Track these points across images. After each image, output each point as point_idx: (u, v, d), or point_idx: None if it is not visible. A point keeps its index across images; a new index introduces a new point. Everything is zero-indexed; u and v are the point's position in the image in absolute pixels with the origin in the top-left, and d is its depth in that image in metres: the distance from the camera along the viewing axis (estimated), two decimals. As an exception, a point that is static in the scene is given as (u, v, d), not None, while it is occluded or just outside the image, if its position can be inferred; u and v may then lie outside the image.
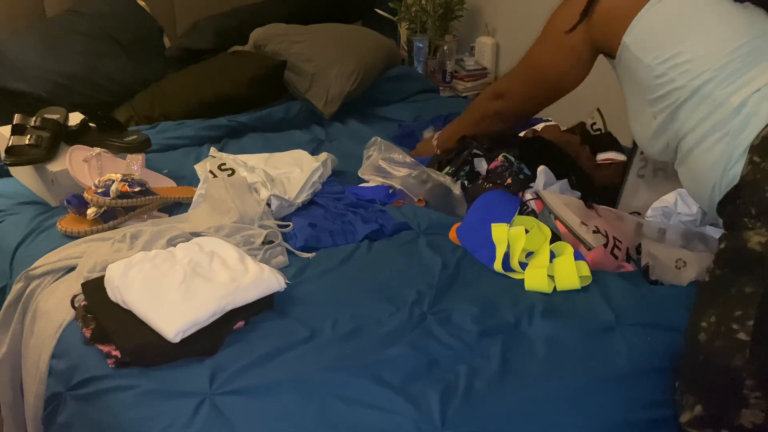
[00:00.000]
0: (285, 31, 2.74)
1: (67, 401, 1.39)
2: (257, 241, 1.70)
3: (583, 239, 1.64)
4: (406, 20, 3.29)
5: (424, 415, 1.21)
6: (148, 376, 1.32)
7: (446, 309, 1.51)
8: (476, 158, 2.00)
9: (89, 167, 1.93)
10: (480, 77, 3.26)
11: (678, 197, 1.72)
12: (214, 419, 1.21)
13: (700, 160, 1.29)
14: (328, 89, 2.57)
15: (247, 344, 1.38)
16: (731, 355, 1.11)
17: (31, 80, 2.42)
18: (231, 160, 2.04)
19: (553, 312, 1.49)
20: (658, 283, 1.59)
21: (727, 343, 1.12)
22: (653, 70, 1.35)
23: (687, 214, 1.71)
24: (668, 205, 1.72)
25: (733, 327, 1.11)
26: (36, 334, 1.55)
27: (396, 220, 1.85)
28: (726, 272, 1.18)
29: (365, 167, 2.09)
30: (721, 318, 1.14)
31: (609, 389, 1.30)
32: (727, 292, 1.15)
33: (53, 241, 1.76)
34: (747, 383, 1.10)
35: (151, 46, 2.75)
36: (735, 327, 1.11)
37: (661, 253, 1.61)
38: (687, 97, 1.31)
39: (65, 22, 2.61)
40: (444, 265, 1.65)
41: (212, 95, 2.51)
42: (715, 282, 1.20)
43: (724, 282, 1.17)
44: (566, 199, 1.74)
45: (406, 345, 1.38)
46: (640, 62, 1.38)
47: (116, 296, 1.42)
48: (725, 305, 1.14)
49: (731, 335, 1.11)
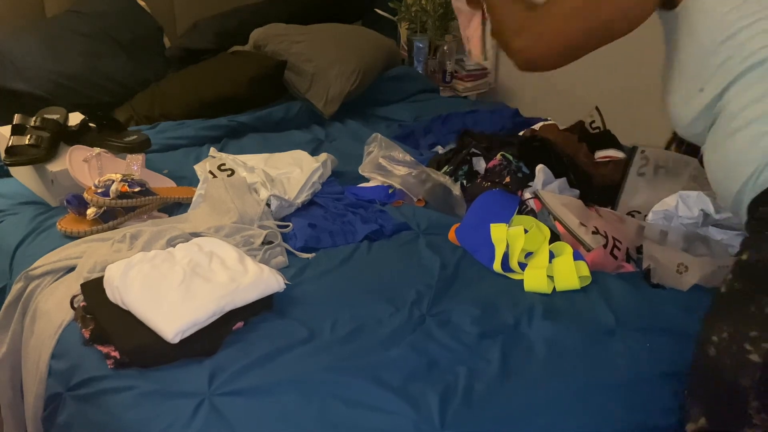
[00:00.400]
0: (285, 31, 2.74)
1: (66, 402, 1.39)
2: (257, 242, 1.70)
3: (582, 240, 1.64)
4: (406, 20, 3.29)
5: (424, 417, 1.21)
6: (147, 376, 1.32)
7: (446, 310, 1.51)
8: (474, 157, 2.00)
9: (89, 167, 1.93)
10: (480, 77, 3.26)
11: (679, 200, 1.71)
12: (213, 420, 1.21)
13: (740, 146, 1.10)
14: (328, 89, 2.57)
15: (247, 345, 1.38)
16: (739, 374, 1.04)
17: (31, 80, 2.42)
18: (231, 161, 2.04)
19: (553, 313, 1.49)
20: (659, 286, 1.58)
21: (736, 362, 1.04)
22: (721, 28, 1.11)
23: (688, 217, 1.70)
24: (669, 209, 1.72)
25: (746, 347, 1.03)
26: (36, 335, 1.55)
27: (396, 221, 1.85)
28: (747, 287, 1.07)
29: (366, 164, 2.09)
30: (734, 336, 1.05)
31: (609, 393, 1.29)
32: (745, 308, 1.05)
33: (53, 242, 1.76)
34: (752, 404, 1.04)
35: (151, 46, 2.76)
36: (748, 347, 1.03)
37: (662, 256, 1.60)
38: (750, 68, 1.09)
39: (65, 22, 2.61)
40: (443, 265, 1.65)
41: (212, 95, 2.51)
42: (732, 295, 1.09)
43: (743, 297, 1.06)
44: (565, 200, 1.74)
45: (406, 346, 1.38)
46: (710, 14, 1.13)
47: (115, 297, 1.42)
48: (741, 323, 1.05)
49: (742, 355, 1.03)
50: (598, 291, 1.56)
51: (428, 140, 2.42)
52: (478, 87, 3.27)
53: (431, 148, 2.37)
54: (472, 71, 3.24)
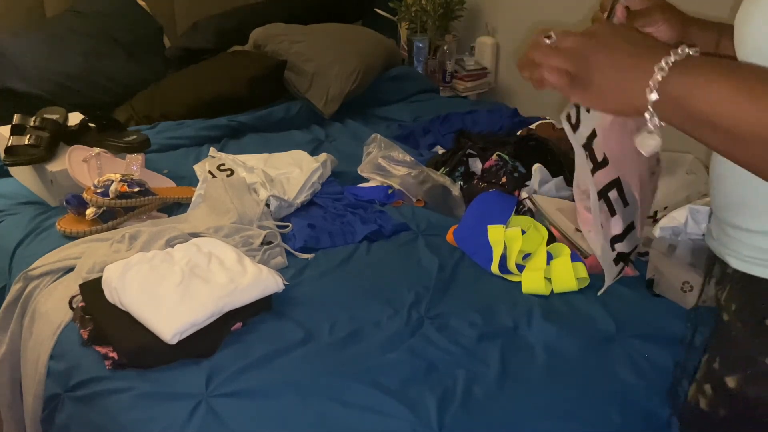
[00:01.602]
0: (285, 31, 2.74)
1: (65, 402, 1.39)
2: (256, 242, 1.70)
3: (579, 246, 1.63)
4: (406, 20, 3.28)
5: (422, 420, 1.21)
6: (144, 377, 1.32)
7: (444, 313, 1.50)
8: (471, 158, 2.00)
9: (89, 167, 1.93)
10: (480, 77, 3.26)
11: (688, 216, 1.67)
12: (210, 421, 1.21)
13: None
14: (328, 89, 2.57)
15: (245, 346, 1.38)
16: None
17: (31, 80, 2.42)
18: (230, 161, 2.04)
19: (552, 317, 1.49)
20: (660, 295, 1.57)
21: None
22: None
23: (696, 233, 1.67)
24: (678, 225, 1.69)
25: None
26: (35, 335, 1.55)
27: (395, 221, 1.85)
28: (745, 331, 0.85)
29: (365, 164, 2.09)
30: None
31: (607, 400, 1.28)
32: None
33: (52, 242, 1.76)
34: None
35: (151, 46, 2.76)
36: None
37: (668, 271, 1.57)
38: None
39: (65, 22, 2.61)
40: (441, 267, 1.65)
41: (212, 95, 2.51)
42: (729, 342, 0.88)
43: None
44: (560, 204, 1.73)
45: (404, 349, 1.38)
46: None
47: (114, 297, 1.42)
48: None
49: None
50: (598, 297, 1.54)
51: (428, 140, 2.43)
52: (478, 87, 3.26)
53: (431, 148, 2.37)
54: (472, 71, 3.24)
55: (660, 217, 1.73)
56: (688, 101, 0.66)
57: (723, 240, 0.88)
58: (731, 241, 0.85)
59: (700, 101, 0.65)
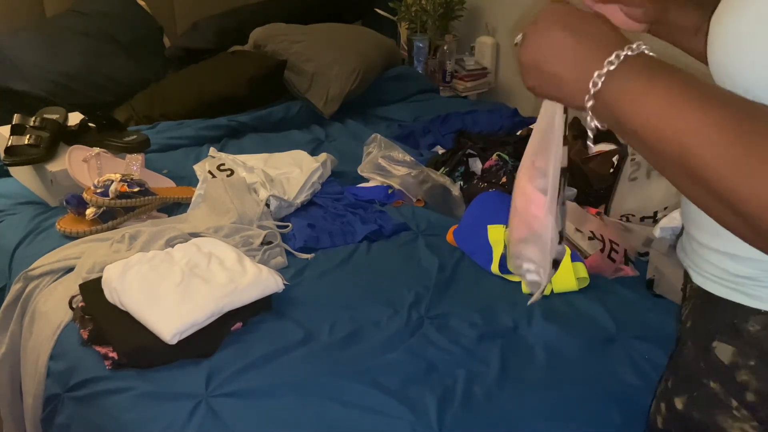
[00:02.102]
0: (285, 31, 2.74)
1: (65, 403, 1.39)
2: (256, 242, 1.70)
3: (579, 246, 1.63)
4: (406, 20, 3.28)
5: (422, 420, 1.21)
6: (144, 377, 1.32)
7: (444, 313, 1.50)
8: (471, 158, 2.00)
9: (88, 167, 1.93)
10: (480, 77, 3.26)
11: None
12: (210, 422, 1.21)
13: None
14: (328, 89, 2.57)
15: (245, 346, 1.38)
16: None
17: (31, 80, 2.42)
18: (230, 161, 2.04)
19: (552, 317, 1.49)
20: (660, 296, 1.56)
21: None
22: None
23: None
24: (678, 225, 1.69)
25: None
26: (34, 335, 1.56)
27: (395, 221, 1.85)
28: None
29: (365, 164, 2.09)
30: None
31: (608, 401, 1.28)
32: None
33: (52, 242, 1.76)
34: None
35: (151, 46, 2.76)
36: None
37: (669, 272, 1.57)
38: None
39: (65, 22, 2.61)
40: (441, 267, 1.65)
41: (212, 95, 2.51)
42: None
43: None
44: (559, 204, 1.72)
45: (405, 349, 1.38)
46: None
47: (114, 297, 1.42)
48: None
49: None
50: (598, 296, 1.55)
51: (428, 140, 2.43)
52: (478, 87, 3.26)
53: (431, 148, 2.37)
54: (472, 71, 3.24)
55: (660, 217, 1.73)
56: (618, 110, 0.64)
57: (688, 252, 0.86)
58: (695, 255, 0.83)
59: (628, 112, 0.63)
